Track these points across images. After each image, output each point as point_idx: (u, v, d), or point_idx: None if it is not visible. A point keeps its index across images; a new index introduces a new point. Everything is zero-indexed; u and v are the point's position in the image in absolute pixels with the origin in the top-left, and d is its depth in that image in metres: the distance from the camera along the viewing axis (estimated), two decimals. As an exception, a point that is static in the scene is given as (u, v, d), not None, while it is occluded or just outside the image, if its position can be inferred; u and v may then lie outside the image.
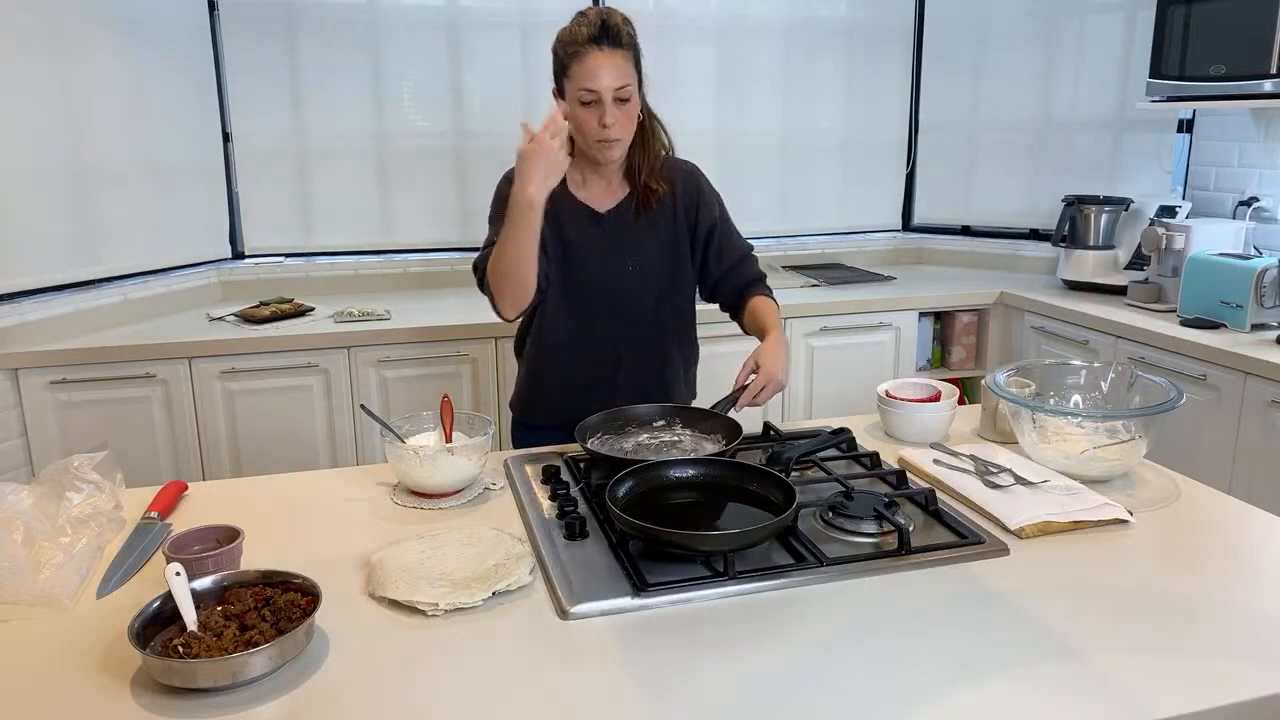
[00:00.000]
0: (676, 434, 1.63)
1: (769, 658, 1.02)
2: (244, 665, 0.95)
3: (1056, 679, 0.97)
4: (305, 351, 2.74)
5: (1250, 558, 1.25)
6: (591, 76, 1.62)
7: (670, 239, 1.83)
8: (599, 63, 1.62)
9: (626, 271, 1.80)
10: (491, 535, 1.28)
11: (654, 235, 1.82)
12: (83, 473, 1.36)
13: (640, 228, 1.81)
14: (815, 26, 3.61)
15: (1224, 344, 2.48)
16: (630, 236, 1.80)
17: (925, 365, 3.44)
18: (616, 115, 1.66)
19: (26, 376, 2.53)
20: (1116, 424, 1.52)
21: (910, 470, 1.54)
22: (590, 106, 1.65)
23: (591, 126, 1.66)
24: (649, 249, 1.82)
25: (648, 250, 1.82)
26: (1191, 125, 3.23)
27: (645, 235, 1.81)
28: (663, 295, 1.85)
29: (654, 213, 1.81)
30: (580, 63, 1.63)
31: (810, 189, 3.77)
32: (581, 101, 1.65)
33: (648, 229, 1.81)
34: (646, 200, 1.80)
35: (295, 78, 3.15)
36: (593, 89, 1.63)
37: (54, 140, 2.63)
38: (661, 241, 1.83)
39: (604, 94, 1.63)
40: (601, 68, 1.62)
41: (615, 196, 1.81)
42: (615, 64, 1.64)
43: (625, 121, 1.69)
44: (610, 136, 1.67)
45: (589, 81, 1.63)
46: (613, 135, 1.67)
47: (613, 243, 1.79)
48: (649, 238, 1.82)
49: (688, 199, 1.84)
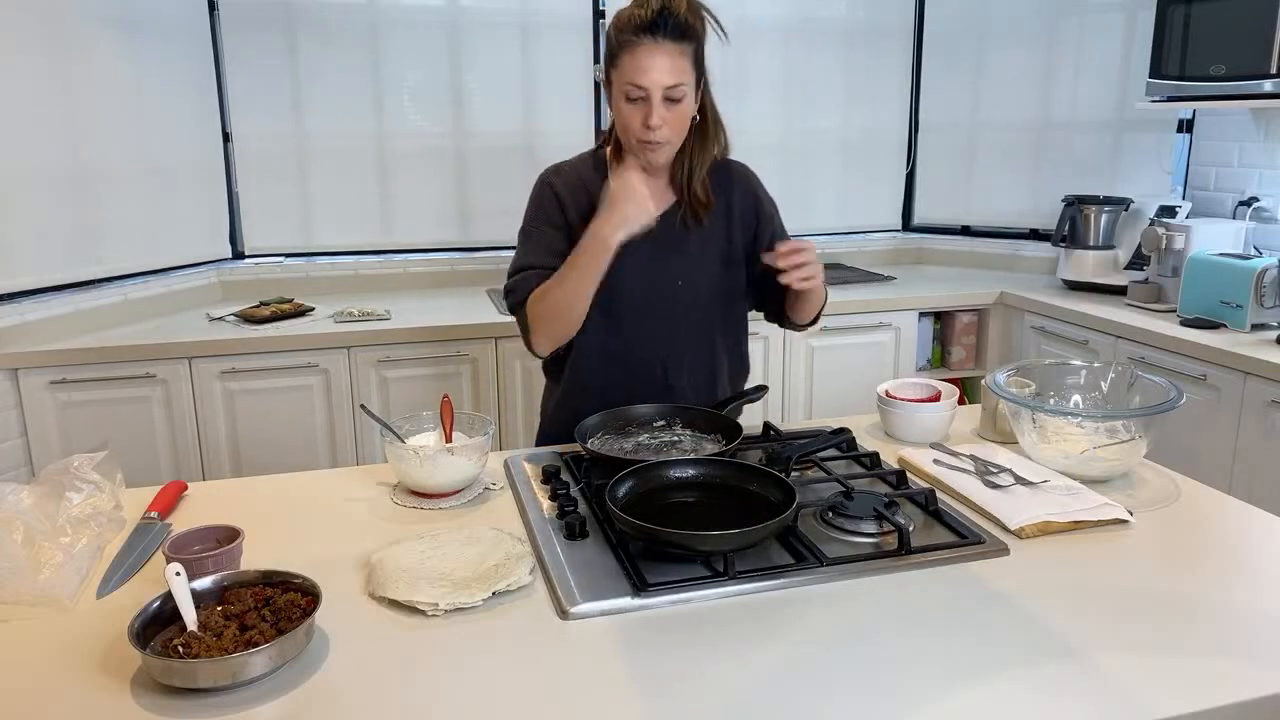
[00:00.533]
0: (676, 434, 1.62)
1: (769, 658, 1.02)
2: (244, 665, 0.95)
3: (1056, 679, 0.97)
4: (305, 351, 2.74)
5: (1250, 558, 1.25)
6: (640, 71, 1.46)
7: (723, 251, 1.68)
8: (651, 56, 1.46)
9: (676, 286, 1.65)
10: (491, 535, 1.28)
11: (705, 246, 1.66)
12: (83, 473, 1.36)
13: (690, 238, 1.66)
14: (815, 26, 3.61)
15: (1224, 344, 2.48)
16: (678, 248, 1.65)
17: (925, 365, 3.44)
18: (665, 116, 1.50)
19: (26, 376, 2.53)
20: (1116, 424, 1.52)
21: (910, 470, 1.54)
22: (636, 103, 1.50)
23: (635, 125, 1.51)
24: (699, 261, 1.66)
25: (698, 263, 1.66)
26: (1191, 125, 3.23)
27: (695, 246, 1.66)
28: (714, 312, 1.70)
29: (703, 219, 1.66)
30: (630, 53, 1.47)
31: (810, 189, 3.77)
32: (628, 97, 1.50)
33: (698, 240, 1.66)
34: (694, 210, 1.64)
35: (295, 78, 3.15)
36: (641, 85, 1.47)
37: (54, 140, 2.63)
38: (714, 254, 1.67)
39: (652, 91, 1.48)
40: (653, 62, 1.46)
41: (661, 203, 1.61)
42: (670, 59, 1.47)
43: (674, 123, 1.53)
44: (654, 139, 1.52)
45: (637, 76, 1.47)
46: (657, 138, 1.52)
47: (658, 254, 1.63)
48: (699, 249, 1.66)
49: (745, 207, 1.69)
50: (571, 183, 1.64)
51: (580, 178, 1.65)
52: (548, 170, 1.68)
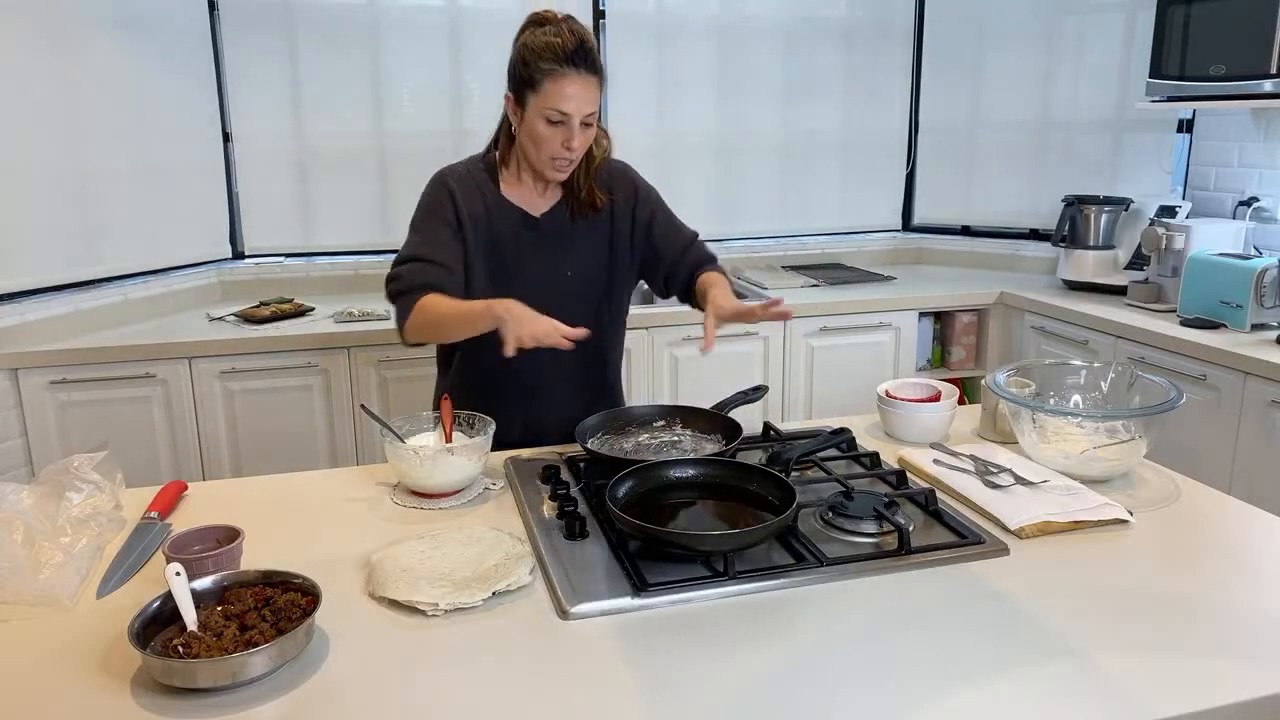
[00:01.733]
0: (676, 434, 1.62)
1: (769, 658, 1.02)
2: (244, 665, 0.95)
3: (1056, 679, 0.97)
4: (305, 351, 2.74)
5: (1250, 558, 1.25)
6: (565, 99, 1.58)
7: (609, 242, 1.78)
8: (574, 86, 1.58)
9: (565, 277, 1.75)
10: (491, 535, 1.28)
11: (591, 238, 1.77)
12: (83, 473, 1.36)
13: (577, 230, 1.76)
14: (815, 26, 3.61)
15: (1224, 344, 2.48)
16: (567, 241, 1.75)
17: (925, 365, 3.44)
18: (581, 139, 1.63)
19: (26, 376, 2.53)
20: (1116, 424, 1.52)
21: (910, 470, 1.54)
22: (556, 126, 1.61)
23: (553, 146, 1.62)
24: (587, 253, 1.77)
25: (586, 255, 1.76)
26: (1191, 125, 3.23)
27: (583, 238, 1.76)
28: (601, 302, 1.79)
29: (590, 217, 1.76)
30: (555, 81, 1.58)
31: (810, 189, 3.77)
32: (548, 120, 1.60)
33: (585, 232, 1.76)
34: (582, 207, 1.75)
35: (295, 78, 3.15)
36: (565, 111, 1.59)
37: (54, 140, 2.63)
38: (600, 245, 1.78)
39: (574, 118, 1.59)
40: (576, 91, 1.58)
41: (549, 200, 1.76)
42: (588, 89, 1.60)
43: (586, 145, 1.66)
44: (570, 158, 1.65)
45: (562, 103, 1.58)
46: (574, 156, 1.65)
47: (549, 248, 1.74)
48: (586, 241, 1.77)
49: (624, 197, 1.79)
50: (466, 184, 1.74)
51: (474, 180, 1.75)
52: (442, 171, 1.78)
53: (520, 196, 1.75)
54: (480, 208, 1.72)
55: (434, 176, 1.77)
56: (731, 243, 3.69)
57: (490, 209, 1.72)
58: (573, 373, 1.78)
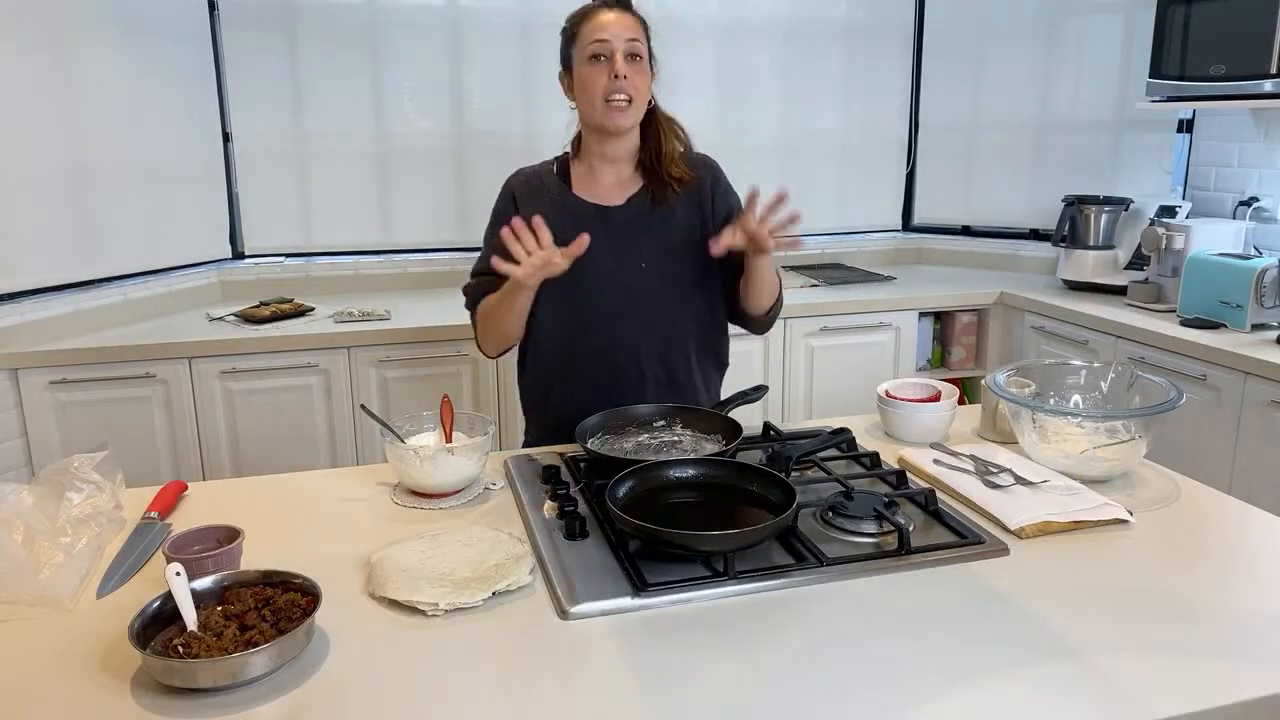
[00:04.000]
0: (676, 434, 1.62)
1: (769, 657, 1.02)
2: (244, 665, 0.95)
3: (1056, 679, 0.97)
4: (305, 351, 2.74)
5: (1250, 558, 1.25)
6: (602, 28, 1.59)
7: (692, 229, 1.71)
8: (610, 19, 1.60)
9: (640, 269, 1.69)
10: (491, 535, 1.28)
11: (671, 223, 1.70)
12: (83, 473, 1.36)
13: (655, 217, 1.71)
14: (815, 26, 3.61)
15: (1224, 344, 2.48)
16: (643, 227, 1.70)
17: (925, 365, 3.44)
18: (628, 69, 1.59)
19: (26, 376, 2.53)
20: (1116, 424, 1.52)
21: (910, 470, 1.54)
22: (600, 63, 1.59)
23: (601, 82, 1.59)
24: (664, 240, 1.70)
25: (663, 241, 1.70)
26: (1191, 125, 3.23)
27: (661, 225, 1.70)
28: (682, 292, 1.72)
29: (672, 205, 1.71)
30: (590, 21, 1.61)
31: (810, 189, 3.77)
32: (592, 56, 1.59)
33: (664, 218, 1.71)
34: (662, 192, 1.70)
35: (295, 78, 3.15)
36: (603, 38, 1.59)
37: (54, 140, 2.63)
38: (681, 230, 1.71)
39: (615, 44, 1.58)
40: (613, 23, 1.59)
41: (627, 190, 1.72)
42: (627, 21, 1.61)
43: (637, 79, 1.61)
44: (621, 90, 1.59)
45: (599, 33, 1.59)
46: (624, 89, 1.59)
47: (623, 239, 1.69)
48: (665, 226, 1.70)
49: (708, 187, 1.75)
50: (531, 185, 1.74)
51: (541, 180, 1.75)
52: (511, 175, 1.78)
53: (593, 191, 1.73)
54: (547, 206, 1.67)
55: (506, 181, 1.78)
56: (731, 243, 3.68)
57: (557, 206, 1.69)
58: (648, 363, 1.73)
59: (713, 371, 1.85)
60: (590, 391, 1.70)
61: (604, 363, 1.72)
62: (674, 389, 1.77)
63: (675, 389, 1.77)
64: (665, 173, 1.71)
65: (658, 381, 1.75)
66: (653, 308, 1.71)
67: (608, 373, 1.72)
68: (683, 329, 1.76)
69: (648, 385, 1.74)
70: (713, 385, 1.87)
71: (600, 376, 1.72)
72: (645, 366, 1.73)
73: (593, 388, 1.71)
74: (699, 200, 1.74)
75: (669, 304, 1.73)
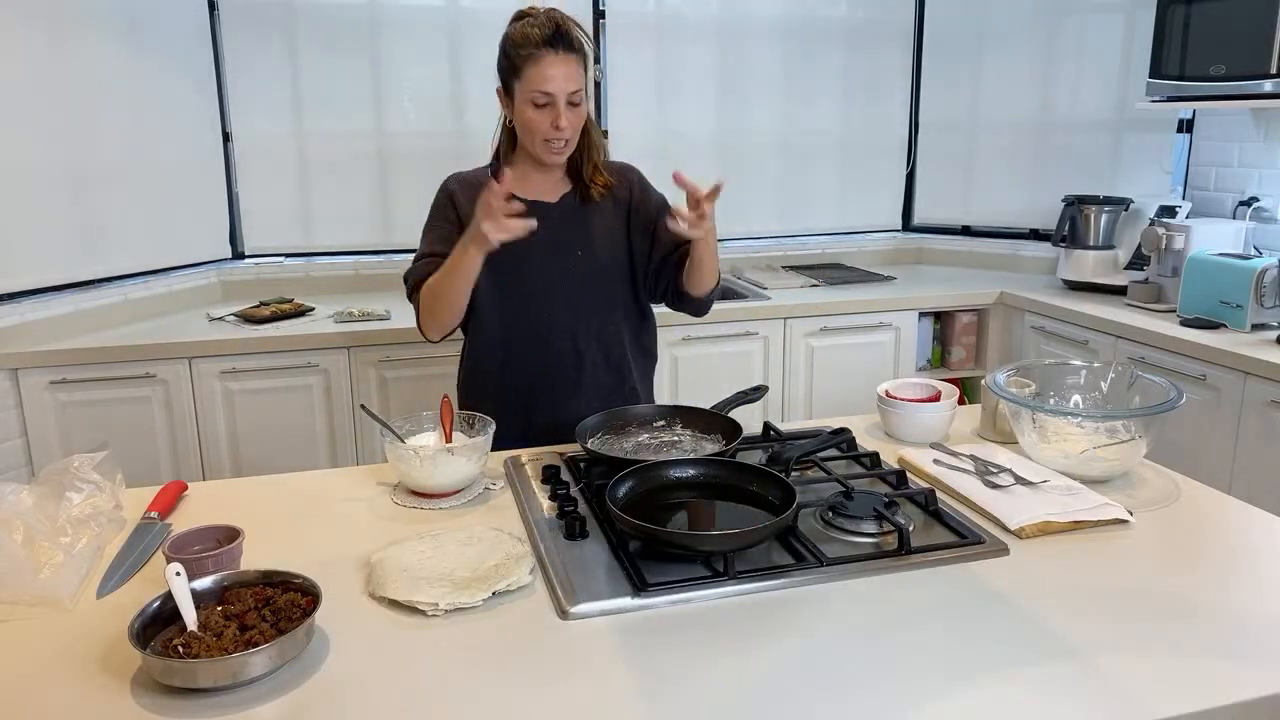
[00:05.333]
0: (676, 434, 1.62)
1: (769, 657, 1.02)
2: (244, 665, 0.95)
3: (1056, 679, 0.97)
4: (305, 351, 2.74)
5: (1250, 558, 1.25)
6: (546, 80, 1.64)
7: (618, 226, 1.83)
8: (554, 66, 1.64)
9: (576, 255, 1.79)
10: (491, 535, 1.28)
11: (601, 221, 1.82)
12: (83, 473, 1.36)
13: (586, 213, 1.81)
14: (815, 26, 3.61)
15: (1224, 344, 2.48)
16: (578, 223, 1.81)
17: (925, 365, 3.44)
18: (569, 118, 1.68)
19: (26, 376, 2.53)
20: (1116, 424, 1.52)
21: (910, 470, 1.54)
22: (543, 109, 1.67)
23: (543, 127, 1.68)
24: (595, 234, 1.81)
25: (594, 235, 1.81)
26: (1191, 125, 3.23)
27: (596, 220, 1.82)
28: (614, 283, 1.84)
29: (599, 204, 1.82)
30: (535, 65, 1.64)
31: (810, 189, 3.77)
32: (535, 104, 1.67)
33: (595, 216, 1.82)
34: (589, 194, 1.81)
35: (295, 78, 3.15)
36: (547, 91, 1.65)
37: (54, 140, 2.63)
38: (609, 228, 1.82)
39: (558, 97, 1.65)
40: (557, 71, 1.64)
41: (559, 190, 1.82)
42: (569, 68, 1.66)
43: (576, 124, 1.71)
44: (561, 138, 1.69)
45: (544, 85, 1.64)
46: (564, 136, 1.69)
47: (561, 231, 1.79)
48: (600, 223, 1.82)
49: (629, 189, 1.85)
50: (469, 185, 1.80)
51: (480, 181, 1.77)
52: (448, 177, 1.85)
53: (527, 190, 1.78)
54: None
55: (444, 184, 1.84)
56: (731, 243, 3.69)
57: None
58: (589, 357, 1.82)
59: (642, 358, 1.94)
60: (529, 376, 1.80)
61: (544, 347, 1.80)
62: (610, 372, 1.85)
63: (612, 372, 1.85)
64: (590, 180, 1.81)
65: (595, 364, 1.83)
66: (589, 294, 1.81)
67: (548, 356, 1.80)
68: (617, 315, 1.85)
69: (585, 367, 1.82)
70: (645, 373, 1.95)
71: (540, 360, 1.80)
72: (583, 349, 1.81)
73: (534, 372, 1.80)
74: (625, 203, 1.85)
75: (603, 292, 1.83)
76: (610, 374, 1.85)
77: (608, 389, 1.83)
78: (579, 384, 1.81)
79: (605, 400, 1.79)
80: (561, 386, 1.81)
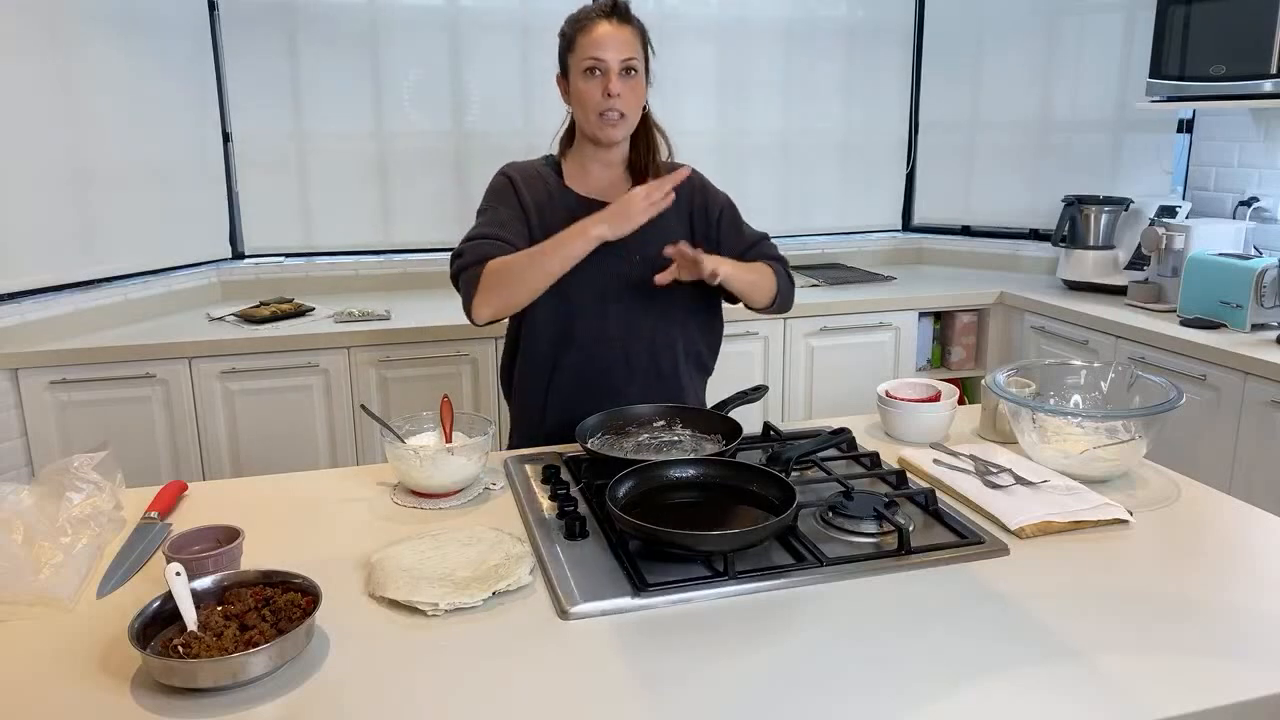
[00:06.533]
0: (676, 434, 1.62)
1: (769, 658, 1.02)
2: (244, 665, 0.95)
3: (1056, 679, 0.97)
4: (305, 351, 2.74)
5: (1250, 558, 1.25)
6: (598, 45, 1.61)
7: (679, 228, 1.77)
8: (606, 32, 1.61)
9: (634, 259, 1.71)
10: (491, 535, 1.28)
11: (660, 225, 1.69)
12: (83, 473, 1.36)
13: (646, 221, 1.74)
14: (815, 26, 3.61)
15: (1224, 344, 2.48)
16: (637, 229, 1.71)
17: (925, 365, 3.44)
18: (622, 87, 1.62)
19: (26, 376, 2.53)
20: (1116, 424, 1.52)
21: (910, 470, 1.54)
22: (595, 77, 1.62)
23: (595, 98, 1.63)
24: (654, 239, 1.70)
25: (653, 240, 1.70)
26: (1191, 125, 3.23)
27: (651, 225, 1.67)
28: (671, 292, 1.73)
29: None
30: (587, 33, 1.62)
31: (810, 189, 3.77)
32: (586, 69, 1.62)
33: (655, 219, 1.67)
34: None
35: (295, 78, 3.15)
36: (599, 56, 1.61)
37: (54, 140, 2.63)
38: (670, 231, 1.73)
39: (610, 62, 1.61)
40: (609, 37, 1.61)
41: (619, 188, 1.74)
42: (623, 37, 1.62)
43: (631, 96, 1.65)
44: (614, 107, 1.63)
45: (595, 50, 1.61)
46: (617, 106, 1.63)
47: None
48: (655, 227, 1.68)
49: (691, 193, 1.79)
50: (527, 173, 1.76)
51: (536, 171, 1.77)
52: (505, 166, 1.79)
53: (586, 186, 1.75)
54: (544, 196, 1.73)
55: (499, 170, 1.79)
56: (731, 243, 3.69)
57: (554, 196, 1.73)
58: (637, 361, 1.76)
59: (696, 373, 1.87)
60: (576, 385, 1.74)
61: (594, 351, 1.74)
62: (660, 381, 1.79)
63: (661, 381, 1.79)
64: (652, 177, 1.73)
65: (644, 372, 1.77)
66: (643, 299, 1.74)
67: (597, 361, 1.75)
68: (671, 326, 1.79)
69: (635, 374, 1.76)
70: (697, 386, 1.89)
71: (590, 364, 1.74)
72: (632, 355, 1.75)
73: (584, 377, 1.74)
74: (687, 208, 1.79)
75: (659, 299, 1.75)
76: (660, 383, 1.78)
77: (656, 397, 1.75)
78: (628, 389, 1.75)
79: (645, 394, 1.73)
80: (609, 391, 1.73)
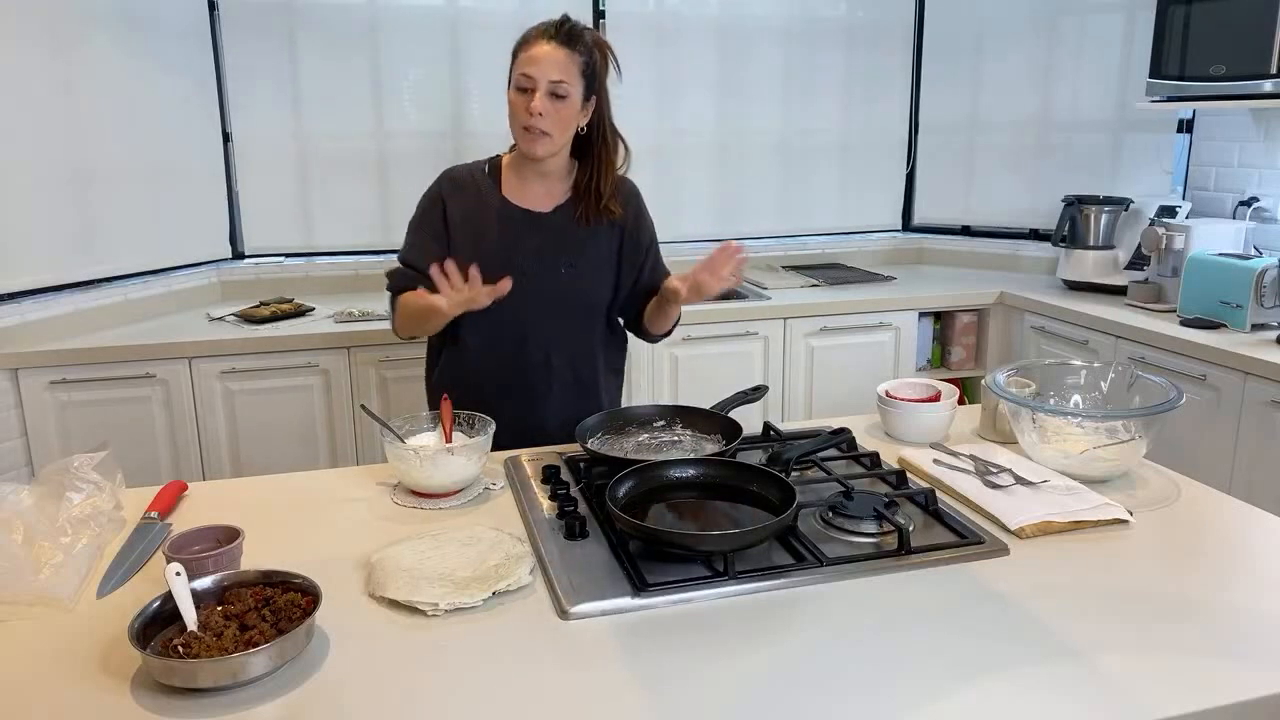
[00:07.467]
0: (676, 434, 1.62)
1: (769, 658, 1.02)
2: (244, 665, 0.95)
3: (1056, 679, 0.97)
4: (305, 351, 2.74)
5: (1250, 558, 1.25)
6: (531, 62, 1.65)
7: (610, 250, 1.82)
8: (543, 52, 1.65)
9: (560, 272, 1.77)
10: (491, 535, 1.28)
11: (592, 243, 1.79)
12: (83, 473, 1.36)
13: (580, 233, 1.79)
14: (815, 26, 3.61)
15: (1224, 344, 2.48)
16: (567, 239, 1.78)
17: (925, 365, 3.44)
18: (546, 107, 1.65)
19: (26, 376, 2.53)
20: (1116, 424, 1.52)
21: (910, 470, 1.54)
22: (524, 93, 1.66)
23: (520, 111, 1.67)
24: (585, 255, 1.79)
25: (584, 256, 1.79)
26: (1191, 125, 3.23)
27: (583, 241, 1.79)
28: (594, 306, 1.83)
29: (594, 225, 1.79)
30: (526, 49, 1.67)
31: (810, 189, 3.77)
32: (518, 87, 1.67)
33: (587, 236, 1.79)
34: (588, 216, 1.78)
35: (295, 78, 3.15)
36: (529, 73, 1.65)
37: (54, 140, 2.63)
38: (604, 250, 1.81)
39: (539, 81, 1.64)
40: (544, 57, 1.64)
41: (554, 200, 1.79)
42: (557, 59, 1.65)
43: (555, 117, 1.67)
44: (535, 125, 1.66)
45: (527, 66, 1.65)
46: (539, 125, 1.66)
47: (548, 241, 1.77)
48: (591, 244, 1.79)
49: (629, 216, 1.83)
50: (461, 181, 1.80)
51: (473, 179, 1.80)
52: (444, 172, 1.84)
53: (522, 196, 1.78)
54: (474, 205, 1.77)
55: (437, 177, 1.83)
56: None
57: (485, 205, 1.77)
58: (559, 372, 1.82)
59: (613, 380, 1.94)
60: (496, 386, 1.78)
61: (515, 358, 1.79)
62: (579, 390, 1.84)
63: (580, 390, 1.84)
64: (600, 205, 1.78)
65: (564, 382, 1.82)
66: (568, 311, 1.80)
67: (517, 368, 1.80)
68: (592, 337, 1.86)
69: (554, 383, 1.82)
70: (614, 393, 1.95)
71: (509, 371, 1.80)
72: (555, 365, 1.81)
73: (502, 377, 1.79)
74: (621, 229, 1.83)
75: (582, 312, 1.82)
76: (579, 393, 1.84)
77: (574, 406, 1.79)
78: (547, 396, 1.81)
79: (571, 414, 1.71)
80: (528, 396, 1.80)
